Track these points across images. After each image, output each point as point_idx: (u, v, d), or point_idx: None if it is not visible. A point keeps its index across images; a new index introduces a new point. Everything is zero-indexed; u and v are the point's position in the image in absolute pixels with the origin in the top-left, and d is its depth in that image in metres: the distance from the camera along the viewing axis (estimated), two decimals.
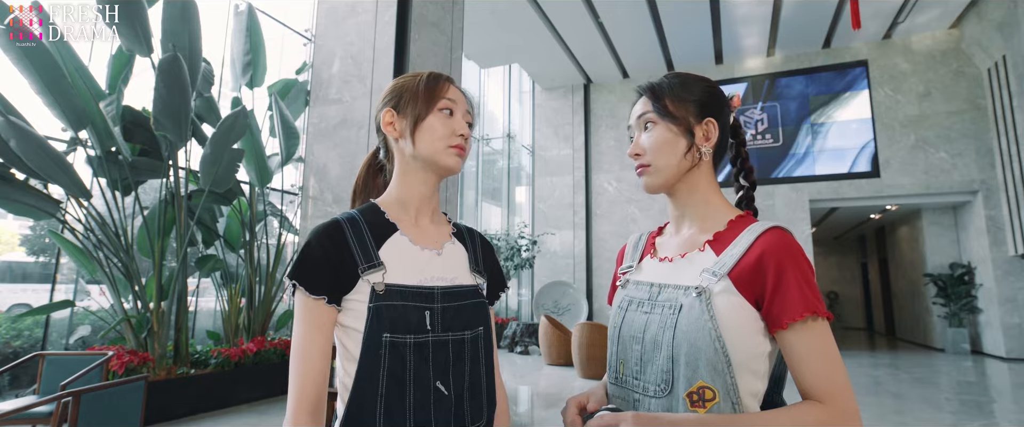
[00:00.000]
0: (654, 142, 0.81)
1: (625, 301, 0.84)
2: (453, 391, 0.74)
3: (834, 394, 0.66)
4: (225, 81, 5.24)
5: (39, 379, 2.98)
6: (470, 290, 0.81)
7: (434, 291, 0.76)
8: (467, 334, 0.77)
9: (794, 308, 0.67)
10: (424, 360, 0.72)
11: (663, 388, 0.72)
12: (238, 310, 4.72)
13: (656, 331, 0.75)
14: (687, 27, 8.39)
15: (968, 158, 7.96)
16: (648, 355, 0.75)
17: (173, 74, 3.67)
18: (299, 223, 5.45)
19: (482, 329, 0.80)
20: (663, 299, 0.77)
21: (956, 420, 4.19)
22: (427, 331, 0.73)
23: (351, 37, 5.52)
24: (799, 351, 0.68)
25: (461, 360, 0.76)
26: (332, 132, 5.46)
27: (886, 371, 6.62)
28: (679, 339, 0.71)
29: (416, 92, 0.83)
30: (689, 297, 0.73)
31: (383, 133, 0.87)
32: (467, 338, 0.77)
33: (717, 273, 0.73)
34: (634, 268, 0.88)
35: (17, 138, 3.25)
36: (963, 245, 8.60)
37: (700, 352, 0.69)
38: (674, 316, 0.73)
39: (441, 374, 0.73)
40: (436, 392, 0.73)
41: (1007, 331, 7.47)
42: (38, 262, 4.66)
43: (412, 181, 0.84)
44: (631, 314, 0.81)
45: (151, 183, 4.34)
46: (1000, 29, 7.33)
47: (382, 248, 0.77)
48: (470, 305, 0.79)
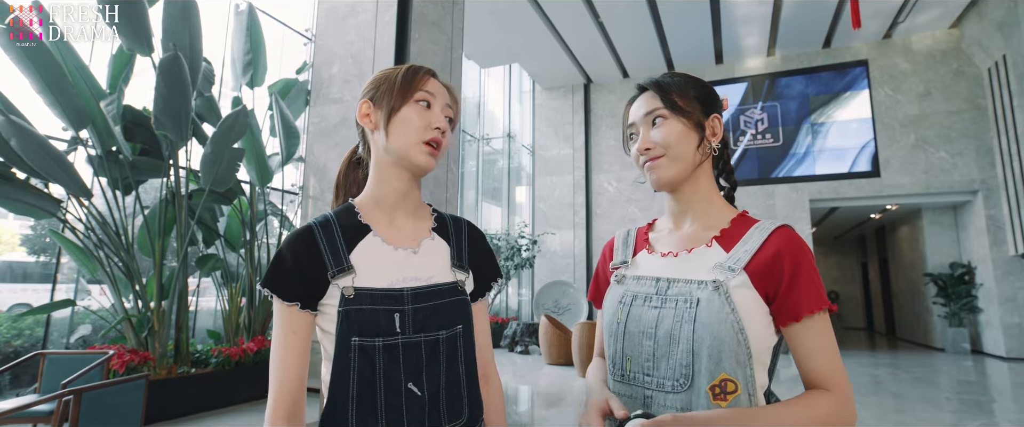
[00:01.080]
0: (669, 135, 0.81)
1: (627, 296, 0.83)
2: (427, 391, 0.73)
3: (839, 381, 0.71)
4: (225, 81, 5.24)
5: (40, 378, 2.98)
6: (447, 288, 0.78)
7: (404, 293, 0.75)
8: (442, 334, 0.75)
9: (811, 302, 0.71)
10: (394, 362, 0.72)
11: (682, 383, 0.73)
12: (238, 309, 4.73)
13: (671, 325, 0.75)
14: (687, 27, 8.40)
15: (968, 158, 7.96)
16: (662, 350, 0.75)
17: (174, 73, 3.67)
18: (299, 223, 5.46)
19: (460, 327, 0.78)
20: (674, 294, 0.78)
21: (956, 419, 4.19)
22: (396, 333, 0.73)
23: (351, 37, 5.52)
24: (810, 343, 0.72)
25: (435, 360, 0.75)
26: (332, 131, 5.46)
27: (886, 371, 6.62)
28: (700, 332, 0.72)
29: (393, 83, 0.81)
30: (706, 291, 0.74)
31: (361, 126, 0.86)
32: (442, 338, 0.75)
33: (734, 268, 0.75)
34: (629, 263, 0.87)
35: (18, 137, 3.25)
36: (963, 245, 8.60)
37: (723, 344, 0.71)
38: (692, 310, 0.74)
39: (413, 375, 0.73)
40: (408, 393, 0.72)
41: (1007, 331, 7.47)
42: (39, 262, 4.66)
43: (386, 177, 0.82)
44: (637, 309, 0.80)
45: (151, 182, 4.35)
46: (1000, 29, 7.33)
47: (354, 251, 0.77)
48: (446, 304, 0.77)
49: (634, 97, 0.89)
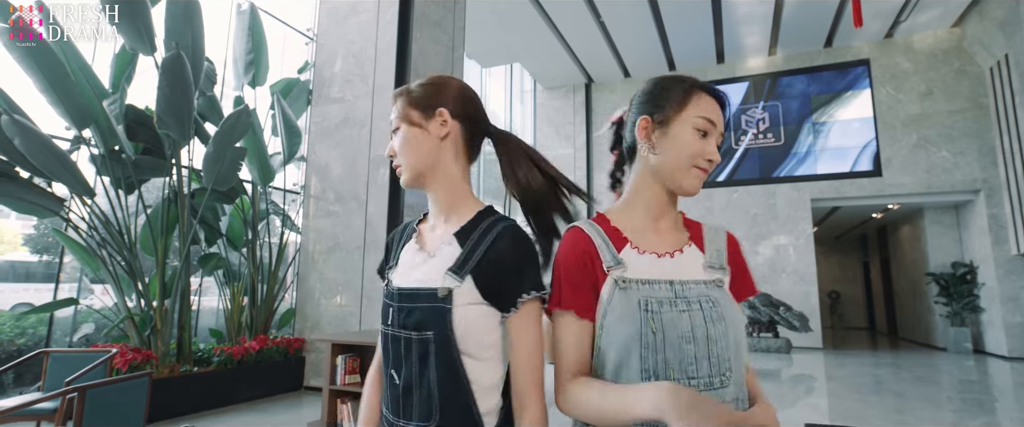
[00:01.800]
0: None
1: (649, 302, 0.76)
2: (402, 381, 0.81)
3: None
4: (227, 81, 5.25)
5: (43, 376, 2.99)
6: (425, 294, 0.79)
7: (395, 292, 0.85)
8: (415, 335, 0.79)
9: (751, 287, 0.89)
10: (386, 348, 0.85)
11: (723, 379, 0.76)
12: (240, 309, 4.73)
13: (704, 326, 0.76)
14: (688, 26, 8.39)
15: (970, 157, 7.95)
16: (701, 352, 0.75)
17: (176, 72, 3.68)
18: (301, 222, 5.46)
19: (431, 333, 0.77)
20: (690, 295, 0.78)
21: (958, 419, 4.19)
22: (388, 324, 0.85)
23: (353, 36, 5.53)
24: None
25: (409, 357, 0.80)
26: (334, 131, 5.47)
27: (888, 370, 6.61)
28: (730, 330, 0.77)
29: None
30: (714, 291, 0.80)
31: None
32: (415, 338, 0.79)
33: (723, 266, 0.83)
34: (622, 265, 0.80)
35: (21, 136, 3.26)
36: (965, 244, 8.58)
37: (742, 336, 0.80)
38: (715, 309, 0.78)
39: (395, 365, 0.83)
40: (391, 378, 0.84)
41: (1009, 330, 7.45)
42: (41, 261, 4.67)
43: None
44: (669, 315, 0.75)
45: (154, 182, 4.36)
46: (1002, 28, 7.31)
47: (403, 250, 0.91)
48: (420, 308, 0.79)
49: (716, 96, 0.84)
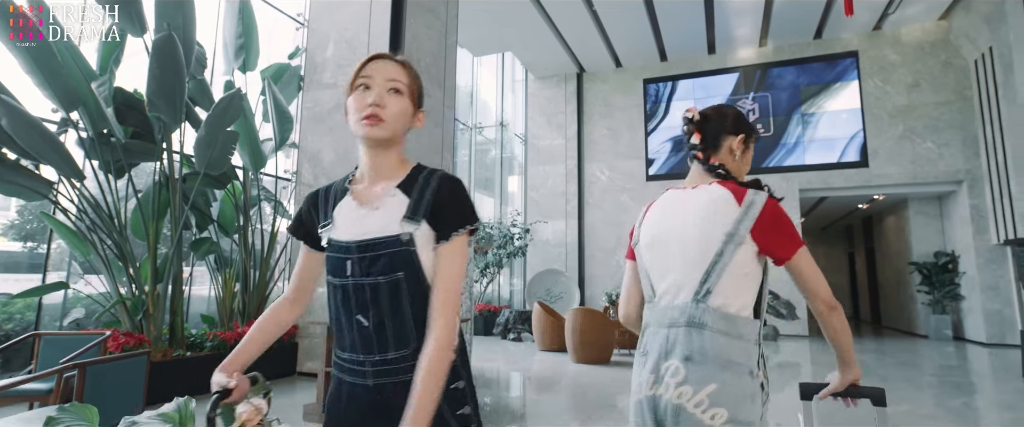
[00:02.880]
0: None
1: None
2: (372, 322, 0.90)
3: None
4: (217, 67, 5.18)
5: (35, 360, 2.97)
6: (388, 241, 0.90)
7: (351, 245, 0.92)
8: (382, 279, 0.89)
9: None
10: (347, 298, 0.92)
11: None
12: (232, 295, 4.72)
13: None
14: (680, 17, 8.42)
15: (954, 148, 8.10)
16: None
17: (168, 54, 3.63)
18: (293, 209, 5.44)
19: (401, 274, 0.89)
20: None
21: (938, 400, 4.32)
22: (347, 276, 0.91)
23: (346, 22, 5.48)
24: None
25: (377, 300, 0.90)
26: (326, 117, 5.43)
27: (872, 356, 6.76)
28: None
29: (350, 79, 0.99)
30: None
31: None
32: (383, 282, 0.89)
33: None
34: None
35: (8, 117, 3.21)
36: (948, 234, 8.77)
37: None
38: None
39: (362, 309, 0.90)
40: (358, 323, 0.91)
41: (988, 317, 7.65)
42: (25, 249, 4.58)
43: (360, 152, 0.99)
44: None
45: (144, 166, 4.31)
46: (987, 21, 7.44)
47: (336, 208, 0.97)
48: (385, 255, 0.89)
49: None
